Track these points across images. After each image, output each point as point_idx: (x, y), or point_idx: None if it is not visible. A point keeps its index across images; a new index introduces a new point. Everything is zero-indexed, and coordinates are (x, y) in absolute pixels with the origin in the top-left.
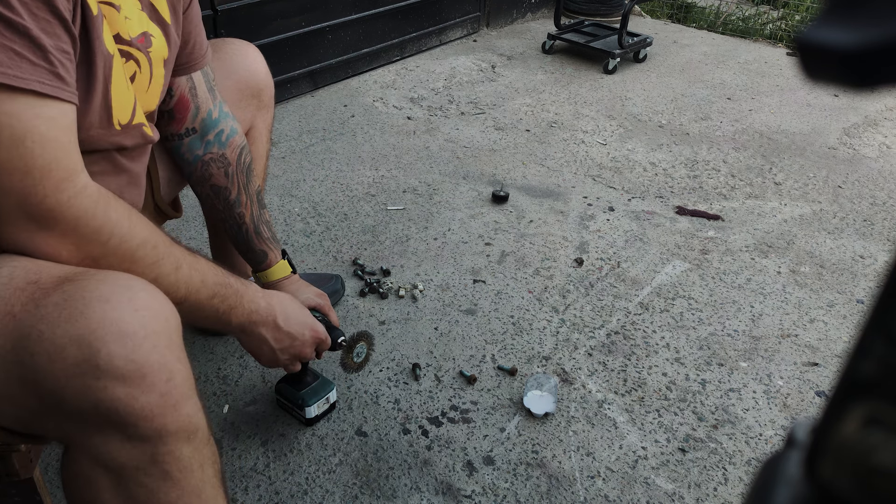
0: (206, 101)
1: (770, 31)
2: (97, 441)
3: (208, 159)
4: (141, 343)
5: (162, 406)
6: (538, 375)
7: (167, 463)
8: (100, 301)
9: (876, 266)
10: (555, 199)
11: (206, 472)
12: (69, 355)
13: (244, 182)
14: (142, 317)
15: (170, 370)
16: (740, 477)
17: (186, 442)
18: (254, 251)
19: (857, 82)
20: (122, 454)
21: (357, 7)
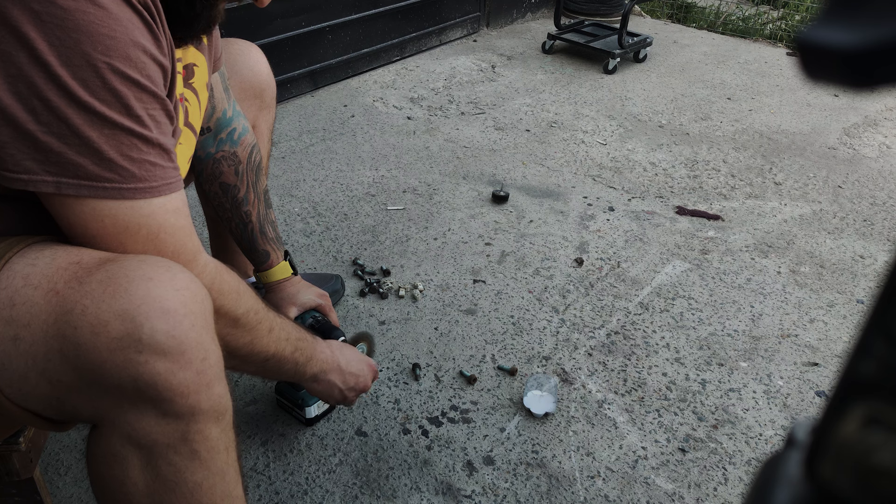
0: (221, 100)
1: (770, 31)
2: (131, 417)
3: (220, 157)
4: (181, 320)
5: (197, 383)
6: (538, 375)
7: (197, 442)
8: (143, 279)
9: (876, 266)
10: (555, 199)
11: (231, 456)
12: (112, 329)
13: (253, 180)
14: (182, 296)
15: (206, 349)
16: (740, 477)
17: (216, 422)
18: (257, 251)
19: (858, 82)
20: (154, 430)
21: (357, 7)
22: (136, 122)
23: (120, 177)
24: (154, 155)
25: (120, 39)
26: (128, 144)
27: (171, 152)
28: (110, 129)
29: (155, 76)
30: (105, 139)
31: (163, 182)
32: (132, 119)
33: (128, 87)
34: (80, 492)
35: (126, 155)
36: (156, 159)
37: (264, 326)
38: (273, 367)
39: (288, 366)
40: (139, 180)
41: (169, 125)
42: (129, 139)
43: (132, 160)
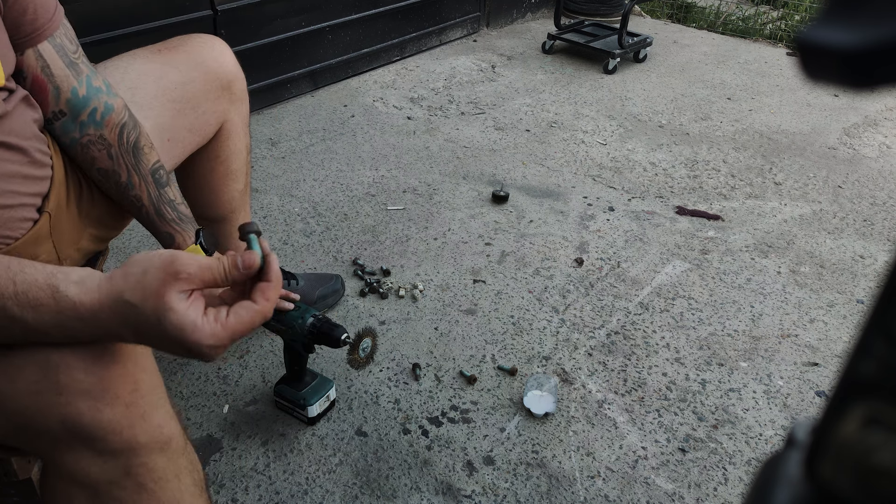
0: (65, 77)
1: (770, 31)
2: (69, 458)
3: (86, 142)
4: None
5: (129, 417)
6: (538, 375)
7: (141, 475)
8: None
9: (876, 266)
10: (555, 199)
11: (184, 482)
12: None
13: (132, 163)
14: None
15: (134, 380)
16: (740, 477)
17: (160, 453)
18: (160, 233)
19: (858, 82)
20: (94, 469)
21: (357, 7)
22: None
23: None
24: None
25: None
26: None
27: None
28: None
29: None
30: None
31: None
32: None
33: None
34: None
35: None
36: None
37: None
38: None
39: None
40: None
41: None
42: None
43: None
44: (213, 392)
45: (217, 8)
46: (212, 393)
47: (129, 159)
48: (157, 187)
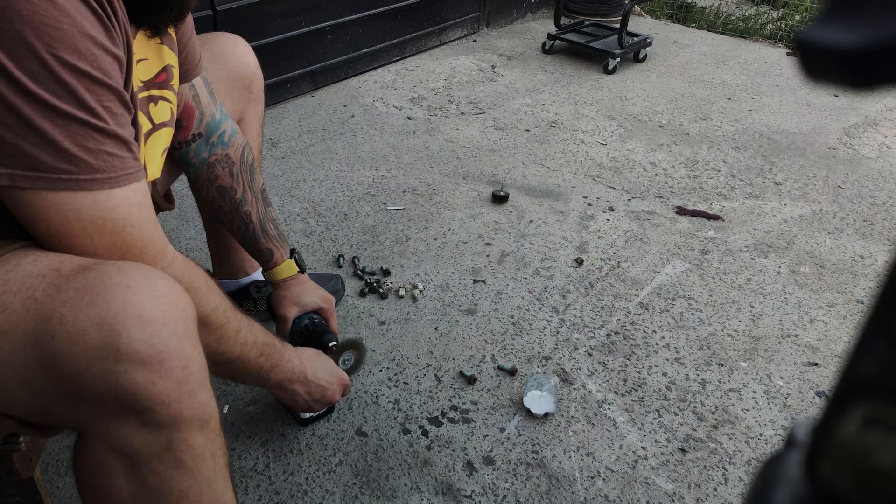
0: (208, 105)
1: (770, 31)
2: (113, 426)
3: (213, 161)
4: (160, 329)
5: (178, 392)
6: (538, 375)
7: (181, 450)
8: (121, 287)
9: (876, 266)
10: (555, 199)
11: (218, 462)
12: (90, 338)
13: (248, 180)
14: (161, 303)
15: (186, 357)
16: (740, 477)
17: (200, 430)
18: (261, 250)
19: (858, 82)
20: (137, 440)
21: (357, 7)
22: (89, 113)
23: (77, 168)
24: (111, 146)
25: (66, 31)
26: (83, 135)
27: (130, 143)
28: (63, 120)
29: (108, 68)
30: (59, 130)
31: (122, 173)
32: (85, 111)
33: (78, 79)
34: None
35: (82, 145)
36: (114, 150)
37: (231, 327)
38: (237, 369)
39: (252, 370)
40: (97, 171)
41: (126, 116)
42: (84, 130)
43: (88, 150)
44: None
45: (217, 8)
46: None
47: (247, 177)
48: (264, 205)
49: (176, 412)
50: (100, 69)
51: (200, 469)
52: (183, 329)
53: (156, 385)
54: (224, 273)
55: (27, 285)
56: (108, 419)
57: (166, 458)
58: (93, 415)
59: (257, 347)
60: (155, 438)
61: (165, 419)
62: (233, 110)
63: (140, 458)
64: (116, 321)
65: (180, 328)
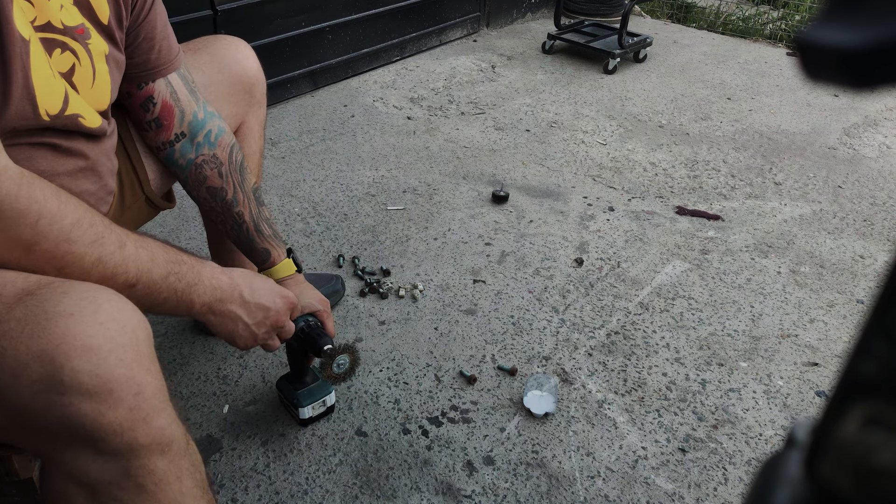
0: (189, 103)
1: (770, 31)
2: (68, 456)
3: (200, 161)
4: (106, 357)
5: (131, 420)
6: (538, 375)
7: (141, 476)
8: (62, 315)
9: (876, 266)
10: (555, 199)
11: (185, 484)
12: (33, 371)
13: (239, 181)
14: (107, 329)
15: (138, 383)
16: (740, 477)
17: (161, 455)
18: (256, 250)
19: (858, 82)
20: (93, 469)
21: (357, 7)
22: None
23: None
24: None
25: None
26: None
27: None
28: None
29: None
30: None
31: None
32: None
33: None
34: None
35: None
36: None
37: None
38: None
39: (164, 293)
40: None
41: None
42: None
43: None
44: (212, 392)
45: (217, 8)
46: (211, 393)
47: (237, 177)
48: (257, 205)
49: (131, 440)
50: None
51: (165, 493)
52: (132, 354)
53: (105, 416)
54: None
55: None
56: (63, 449)
57: (126, 484)
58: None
59: (159, 264)
60: (112, 467)
61: (120, 448)
62: (234, 114)
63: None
64: (58, 353)
65: (129, 353)
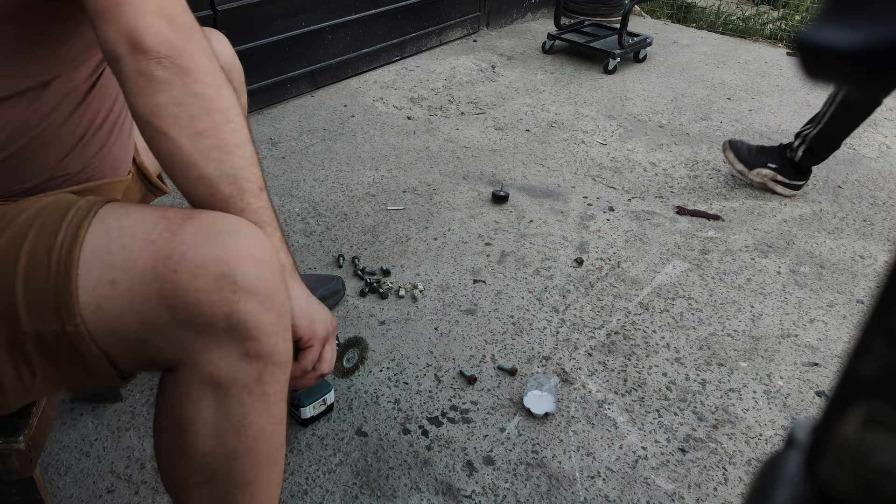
0: None
1: (770, 31)
2: (216, 355)
3: None
4: (267, 268)
5: (278, 326)
6: (538, 375)
7: (268, 384)
8: (231, 233)
9: (876, 266)
10: (555, 199)
11: (284, 409)
12: (210, 272)
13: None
14: (266, 249)
15: (283, 297)
16: (740, 477)
17: (283, 370)
18: None
19: (857, 82)
20: (236, 369)
21: (357, 7)
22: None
23: None
24: None
25: None
26: None
27: None
28: None
29: None
30: None
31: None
32: None
33: None
34: (79, 491)
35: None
36: None
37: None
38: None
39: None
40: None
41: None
42: None
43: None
44: None
45: (217, 8)
46: None
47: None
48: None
49: (274, 344)
50: None
51: (277, 409)
52: (280, 274)
53: (263, 315)
54: None
55: (142, 229)
56: (213, 349)
57: (256, 390)
58: (198, 344)
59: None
60: (251, 368)
61: (265, 349)
62: None
63: (234, 387)
64: (232, 258)
65: (279, 272)
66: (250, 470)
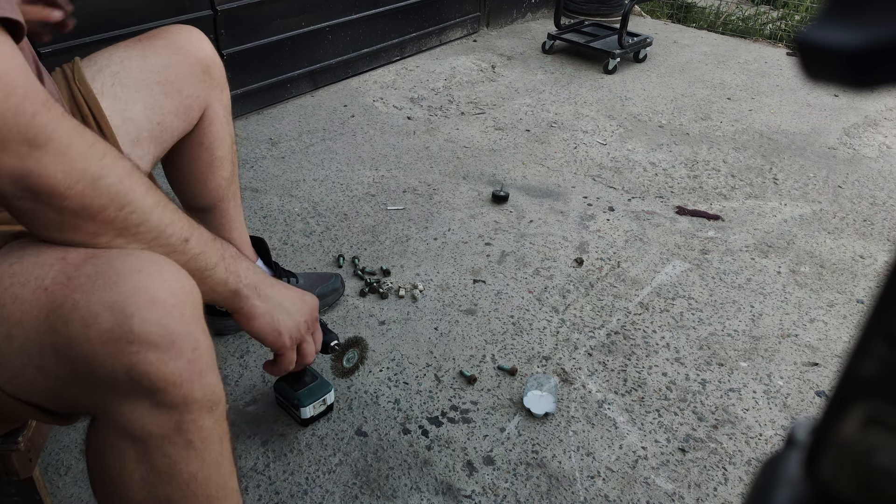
0: None
1: (770, 31)
2: (126, 409)
3: None
4: (170, 311)
5: (189, 373)
6: (538, 375)
7: (191, 432)
8: (131, 272)
9: (876, 266)
10: (555, 199)
11: (225, 447)
12: (103, 321)
13: None
14: (171, 286)
15: (196, 339)
16: (740, 477)
17: (209, 412)
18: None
19: (858, 82)
20: (149, 422)
21: (357, 7)
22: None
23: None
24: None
25: None
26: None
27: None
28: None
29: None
30: None
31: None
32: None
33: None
34: (79, 491)
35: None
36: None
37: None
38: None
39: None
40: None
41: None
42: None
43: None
44: None
45: (217, 8)
46: None
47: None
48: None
49: (187, 392)
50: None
51: (209, 452)
52: (191, 311)
53: (167, 365)
54: None
55: (35, 275)
56: (122, 401)
57: (177, 439)
58: (106, 398)
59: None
60: (166, 419)
61: (177, 400)
62: (197, 95)
63: (151, 440)
64: (129, 304)
65: (188, 310)
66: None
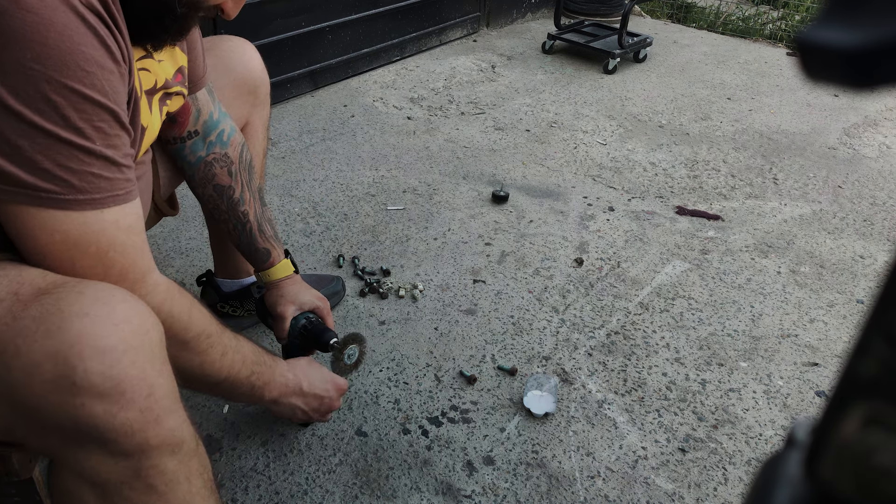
0: (206, 103)
1: (770, 31)
2: (80, 456)
3: (211, 159)
4: (119, 358)
5: (142, 421)
6: (538, 375)
7: (151, 477)
8: (78, 316)
9: (876, 266)
10: (555, 199)
11: (194, 484)
12: (45, 371)
13: (247, 180)
14: (121, 331)
15: (150, 385)
16: (740, 477)
17: (171, 455)
18: (258, 250)
19: (858, 82)
20: (104, 469)
21: (357, 7)
22: (74, 132)
23: (59, 187)
24: (98, 166)
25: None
26: (66, 155)
27: (121, 163)
28: (44, 138)
29: (102, 85)
30: (39, 149)
31: (109, 194)
32: (70, 130)
33: (65, 97)
34: None
35: (64, 165)
36: (101, 170)
37: (216, 351)
38: (226, 389)
39: (243, 389)
40: (79, 191)
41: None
42: (66, 149)
43: (71, 171)
44: None
45: None
46: None
47: (245, 176)
48: (261, 205)
49: (142, 441)
50: (92, 86)
51: (175, 493)
52: (145, 356)
53: (116, 417)
54: (226, 272)
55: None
56: (75, 449)
57: (137, 485)
58: (58, 444)
59: (247, 367)
60: (123, 467)
61: (132, 448)
62: (239, 116)
63: (111, 485)
64: (72, 353)
65: (141, 355)
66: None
